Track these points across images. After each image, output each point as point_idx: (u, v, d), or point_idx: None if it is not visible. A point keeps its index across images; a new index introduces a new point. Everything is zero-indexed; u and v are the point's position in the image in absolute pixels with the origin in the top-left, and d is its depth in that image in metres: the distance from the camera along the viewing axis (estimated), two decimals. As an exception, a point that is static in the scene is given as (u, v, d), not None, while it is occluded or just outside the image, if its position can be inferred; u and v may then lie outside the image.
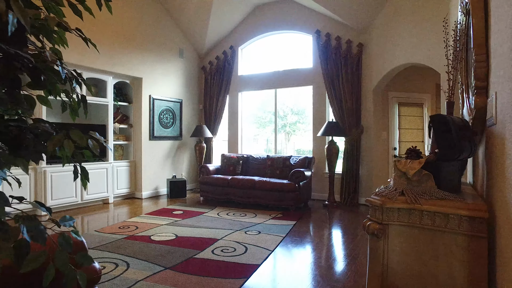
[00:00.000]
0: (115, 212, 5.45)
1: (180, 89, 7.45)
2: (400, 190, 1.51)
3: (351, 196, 6.01)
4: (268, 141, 11.80)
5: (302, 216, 5.15)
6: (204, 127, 7.21)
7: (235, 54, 7.50)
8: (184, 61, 7.51)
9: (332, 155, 5.84)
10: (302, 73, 6.70)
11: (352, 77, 5.99)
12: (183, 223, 4.64)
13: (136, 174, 6.65)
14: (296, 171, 5.58)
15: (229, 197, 6.05)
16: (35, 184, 5.09)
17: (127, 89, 6.73)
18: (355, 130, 6.00)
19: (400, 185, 1.53)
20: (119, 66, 6.11)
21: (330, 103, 6.22)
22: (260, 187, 5.70)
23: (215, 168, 6.63)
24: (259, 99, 8.13)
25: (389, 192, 1.50)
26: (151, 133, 6.73)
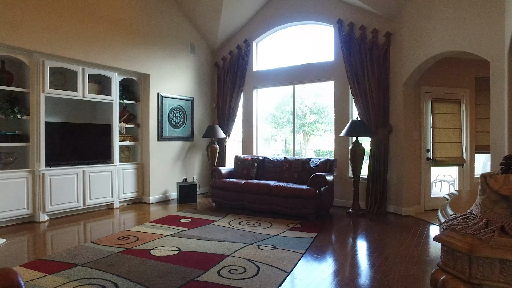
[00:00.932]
0: (119, 219, 5.02)
1: (191, 87, 6.99)
2: (499, 225, 0.93)
3: (378, 204, 5.37)
4: (286, 142, 11.28)
5: (324, 227, 4.56)
6: (216, 127, 6.72)
7: (249, 49, 6.98)
8: (195, 56, 7.04)
9: (357, 158, 5.22)
10: (323, 68, 6.10)
11: (378, 71, 5.36)
12: (190, 233, 4.14)
13: (143, 177, 6.22)
14: (317, 176, 4.99)
15: (242, 203, 5.53)
16: (33, 188, 4.72)
17: (134, 86, 6.31)
18: (382, 129, 5.37)
19: (495, 216, 0.95)
20: (124, 61, 5.70)
21: (354, 100, 5.61)
22: (277, 193, 5.15)
23: (228, 171, 6.12)
24: (276, 97, 7.59)
25: (477, 228, 0.93)
26: (159, 133, 6.29)
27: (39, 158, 4.74)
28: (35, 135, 4.74)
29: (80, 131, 5.36)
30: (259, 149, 7.09)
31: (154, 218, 5.03)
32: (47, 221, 4.82)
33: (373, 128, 5.43)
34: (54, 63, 4.87)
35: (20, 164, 4.83)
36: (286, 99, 9.05)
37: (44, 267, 3.07)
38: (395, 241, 3.95)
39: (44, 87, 4.76)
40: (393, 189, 5.39)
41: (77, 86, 5.15)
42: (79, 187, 5.16)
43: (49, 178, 4.81)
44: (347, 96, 5.87)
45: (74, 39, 5.01)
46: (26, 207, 4.65)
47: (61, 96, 4.99)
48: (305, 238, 3.97)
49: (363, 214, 5.25)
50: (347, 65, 5.66)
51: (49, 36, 4.74)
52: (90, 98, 5.33)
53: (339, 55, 5.88)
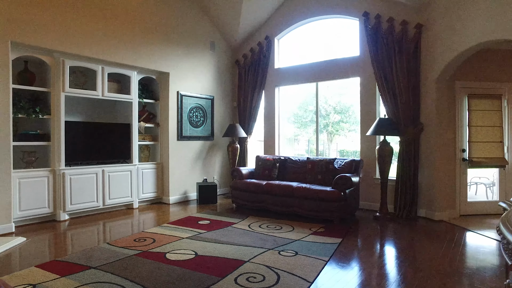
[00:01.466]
0: (137, 220, 4.94)
1: (212, 85, 6.86)
2: None
3: (408, 208, 5.02)
4: (310, 142, 11.01)
5: (349, 232, 4.29)
6: (237, 126, 6.56)
7: (271, 45, 6.77)
8: (215, 54, 6.91)
9: (385, 158, 4.90)
10: (348, 63, 5.80)
11: (408, 65, 5.01)
12: (208, 236, 3.98)
13: (163, 177, 6.14)
14: (342, 177, 4.72)
15: (263, 205, 5.33)
16: (54, 187, 4.72)
17: (154, 85, 6.25)
18: (412, 128, 5.01)
19: None
20: (144, 60, 5.63)
21: (382, 96, 5.28)
22: (299, 195, 4.92)
23: (249, 171, 5.94)
24: (298, 96, 7.34)
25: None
26: (179, 132, 6.19)
27: (59, 157, 4.73)
28: (55, 135, 4.73)
29: (100, 131, 5.33)
30: (281, 149, 6.88)
31: (173, 219, 4.92)
32: (67, 220, 4.81)
33: (402, 127, 5.09)
34: (74, 62, 4.85)
35: (42, 163, 4.84)
36: (309, 98, 8.79)
37: (58, 269, 2.99)
38: (428, 249, 3.62)
39: (64, 87, 4.75)
40: (424, 192, 5.03)
41: (96, 85, 5.12)
42: (98, 187, 5.13)
43: (69, 178, 4.80)
44: (373, 93, 5.55)
45: (93, 38, 4.98)
46: (47, 206, 4.66)
47: (80, 95, 4.97)
48: (329, 244, 3.72)
49: (392, 218, 4.92)
50: (374, 60, 5.34)
51: (69, 35, 4.72)
52: (110, 97, 5.29)
53: (365, 50, 5.57)
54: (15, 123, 4.56)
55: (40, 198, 4.59)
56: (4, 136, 4.21)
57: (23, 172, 4.45)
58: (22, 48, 4.44)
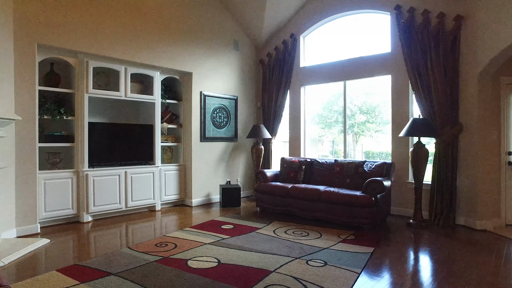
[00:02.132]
0: (159, 223, 4.84)
1: (235, 85, 6.71)
2: None
3: (445, 215, 4.65)
4: (334, 143, 10.69)
5: (381, 240, 3.99)
6: (262, 127, 6.37)
7: (296, 43, 6.54)
8: (239, 53, 6.75)
9: (420, 161, 4.56)
10: (378, 60, 5.49)
11: (445, 61, 4.65)
12: (231, 242, 3.81)
13: (186, 179, 6.04)
14: (373, 181, 4.43)
15: (289, 209, 5.11)
16: (77, 188, 4.70)
17: (176, 85, 6.16)
18: (450, 128, 4.65)
19: None
20: (166, 60, 5.55)
21: (416, 95, 4.94)
22: (327, 199, 4.66)
23: (274, 174, 5.73)
24: (325, 95, 7.07)
25: None
26: (202, 133, 6.07)
27: (83, 158, 4.70)
28: (79, 136, 4.72)
29: (122, 132, 5.29)
30: (306, 150, 6.62)
31: (196, 222, 4.79)
32: (91, 222, 4.78)
33: (438, 127, 4.73)
34: (97, 63, 4.82)
35: (66, 165, 4.84)
36: (334, 98, 8.50)
37: (78, 274, 2.90)
38: (472, 262, 3.29)
39: (88, 88, 4.72)
40: (463, 198, 4.64)
41: (119, 86, 5.08)
42: (121, 189, 5.08)
43: (92, 179, 4.77)
44: (406, 91, 5.21)
45: (116, 39, 4.94)
46: (71, 208, 4.64)
47: (104, 96, 4.93)
48: (361, 254, 3.45)
49: (427, 226, 4.57)
50: (407, 56, 5.01)
51: (93, 36, 4.70)
52: (132, 98, 5.24)
53: (397, 46, 5.23)
54: (41, 125, 4.57)
55: (65, 200, 4.58)
56: (30, 137, 4.22)
57: (48, 173, 4.45)
58: (48, 50, 4.45)
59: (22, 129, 4.16)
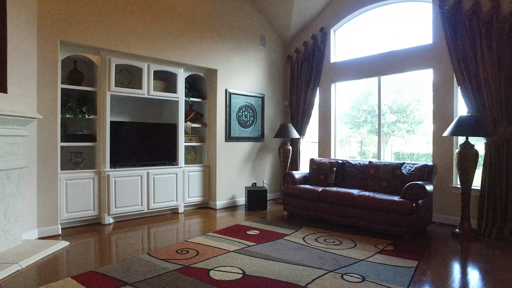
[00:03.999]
0: (182, 226, 4.62)
1: (262, 83, 6.42)
2: None
3: (499, 225, 4.13)
4: (363, 144, 10.24)
5: (424, 252, 3.56)
6: (289, 127, 6.03)
7: (326, 38, 6.16)
8: (265, 49, 6.45)
9: (468, 164, 4.07)
10: (417, 53, 5.02)
11: (499, 50, 4.13)
12: (257, 250, 3.51)
13: (210, 180, 5.81)
14: (414, 185, 3.99)
15: (319, 214, 4.75)
16: (99, 189, 4.56)
17: (201, 83, 5.95)
18: (504, 127, 4.13)
19: None
20: (191, 56, 5.34)
21: (462, 90, 4.44)
22: (361, 205, 4.27)
23: (302, 176, 5.38)
24: (356, 92, 6.65)
25: None
26: (227, 133, 5.82)
27: (104, 158, 4.57)
28: (101, 135, 4.58)
29: (145, 131, 5.12)
30: (336, 151, 6.22)
31: (220, 227, 4.53)
32: (112, 223, 4.63)
33: (489, 126, 4.22)
34: (120, 60, 4.68)
35: (88, 165, 4.73)
36: (363, 97, 8.12)
37: (93, 282, 2.70)
38: (538, 282, 2.81)
39: (110, 85, 4.58)
40: (519, 206, 4.10)
41: (142, 84, 4.91)
42: (143, 190, 4.91)
43: (113, 180, 4.62)
44: (450, 86, 4.71)
45: (139, 35, 4.78)
46: (92, 209, 4.51)
47: (126, 94, 4.78)
48: (403, 268, 3.05)
49: (476, 237, 4.07)
50: (452, 47, 4.52)
51: (115, 33, 4.55)
52: (155, 96, 5.06)
53: (439, 36, 4.75)
54: (64, 123, 4.47)
55: (86, 201, 4.46)
56: (52, 136, 4.12)
57: (70, 173, 4.34)
58: (70, 47, 4.34)
59: (44, 128, 4.06)
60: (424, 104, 9.38)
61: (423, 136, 10.11)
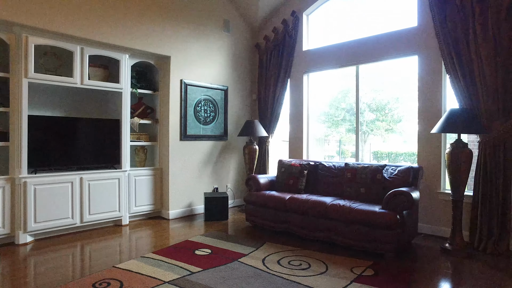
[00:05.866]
0: (120, 243, 3.77)
1: (225, 73, 5.62)
2: None
3: (496, 239, 3.49)
4: (341, 143, 9.73)
5: (412, 277, 2.85)
6: (256, 123, 5.26)
7: (298, 23, 5.43)
8: (230, 36, 5.66)
9: (460, 166, 3.40)
10: (401, 38, 4.35)
11: (496, 32, 3.49)
12: (200, 280, 2.71)
13: (162, 186, 4.97)
14: (398, 194, 3.29)
15: (287, 226, 4.00)
16: (11, 200, 3.65)
17: (153, 73, 5.09)
18: (501, 123, 3.49)
19: None
20: (138, 40, 4.48)
21: (451, 79, 3.79)
22: (335, 216, 3.54)
23: (269, 180, 4.62)
24: (332, 89, 5.99)
25: None
26: (182, 131, 4.99)
27: (19, 162, 3.65)
28: (16, 132, 3.67)
29: (78, 128, 4.23)
30: (310, 151, 5.50)
31: (166, 243, 3.71)
32: (31, 243, 3.72)
33: (484, 121, 3.58)
34: (41, 40, 3.77)
35: (1, 170, 3.81)
36: (342, 95, 7.57)
37: None
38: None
39: (28, 71, 3.67)
40: (519, 216, 3.48)
41: (73, 71, 4.02)
42: (74, 199, 4.02)
43: (32, 188, 3.71)
44: (438, 76, 4.06)
45: (68, 9, 3.89)
46: (1, 226, 3.59)
47: (51, 82, 3.88)
48: (386, 305, 2.32)
49: (470, 253, 3.41)
50: (440, 30, 3.86)
51: (34, 4, 3.64)
52: (91, 86, 4.18)
53: (426, 17, 4.09)
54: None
55: (-4, 214, 3.54)
56: None
57: (-29, 180, 3.42)
58: (-31, 20, 3.42)
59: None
60: (403, 102, 8.86)
61: (402, 136, 9.60)
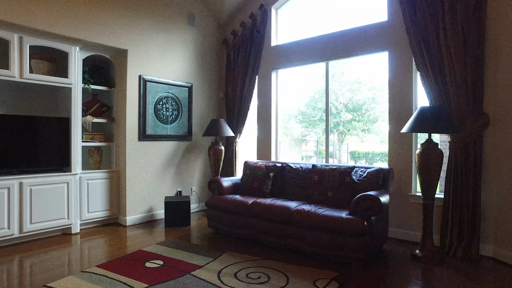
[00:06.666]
0: (63, 255, 3.38)
1: (190, 70, 5.28)
2: None
3: (466, 242, 3.33)
4: (319, 143, 9.65)
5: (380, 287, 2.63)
6: (221, 122, 4.96)
7: (267, 17, 5.17)
8: (195, 30, 5.33)
9: (431, 168, 3.21)
10: (371, 33, 4.15)
11: (466, 29, 3.33)
12: (143, 299, 2.39)
13: (119, 190, 4.59)
14: (365, 198, 3.07)
15: (250, 233, 3.72)
16: None
17: (110, 67, 4.70)
18: (472, 122, 3.34)
19: None
20: (91, 31, 4.09)
21: (422, 76, 3.62)
22: (299, 223, 3.28)
23: (233, 183, 4.32)
24: (306, 86, 5.75)
25: None
26: (141, 130, 4.62)
27: None
28: None
29: (20, 127, 3.80)
30: (284, 152, 5.24)
31: (117, 254, 3.35)
32: (-42, 257, 3.28)
33: (455, 120, 3.42)
34: (-29, 26, 3.34)
35: None
36: (319, 94, 7.43)
37: None
38: None
39: (-45, 61, 3.24)
40: (491, 220, 3.33)
41: (9, 62, 3.59)
42: (12, 207, 3.58)
43: (-40, 195, 3.27)
44: (409, 73, 3.88)
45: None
46: None
47: (-17, 75, 3.45)
48: (348, 325, 2.07)
49: (441, 259, 3.23)
50: (410, 25, 3.69)
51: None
52: (33, 80, 3.75)
53: (396, 11, 3.91)
54: None
55: None
56: None
57: None
58: None
59: None
60: (379, 102, 8.81)
61: (379, 136, 9.54)
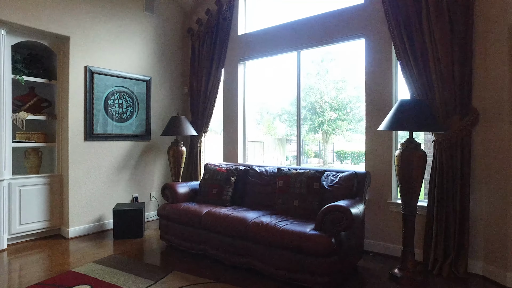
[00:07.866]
0: (-27, 281, 2.79)
1: (149, 62, 4.72)
2: None
3: (453, 259, 2.85)
4: (304, 142, 9.24)
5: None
6: (183, 120, 4.41)
7: (233, 3, 4.63)
8: (155, 17, 4.77)
9: (412, 172, 2.73)
10: (346, 17, 3.66)
11: (451, 11, 2.86)
12: None
13: (62, 197, 4.00)
14: (333, 210, 2.56)
15: (204, 247, 3.18)
16: None
17: (50, 57, 4.11)
18: (459, 119, 2.87)
19: None
20: (20, 12, 3.50)
21: (402, 66, 3.14)
22: (257, 238, 2.76)
23: (190, 189, 3.78)
24: (291, 85, 5.24)
25: None
26: (88, 129, 4.04)
27: None
28: None
29: None
30: (268, 152, 4.72)
31: (46, 274, 2.78)
32: None
33: (440, 116, 2.95)
34: None
35: None
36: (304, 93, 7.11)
37: None
38: None
39: None
40: (481, 232, 2.86)
41: None
42: None
43: None
44: (388, 62, 3.40)
45: None
46: None
47: None
48: None
49: (424, 280, 2.75)
50: (389, 8, 3.21)
51: None
52: None
53: (374, -6, 3.43)
54: None
55: None
56: None
57: None
58: None
59: None
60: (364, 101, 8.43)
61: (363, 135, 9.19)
